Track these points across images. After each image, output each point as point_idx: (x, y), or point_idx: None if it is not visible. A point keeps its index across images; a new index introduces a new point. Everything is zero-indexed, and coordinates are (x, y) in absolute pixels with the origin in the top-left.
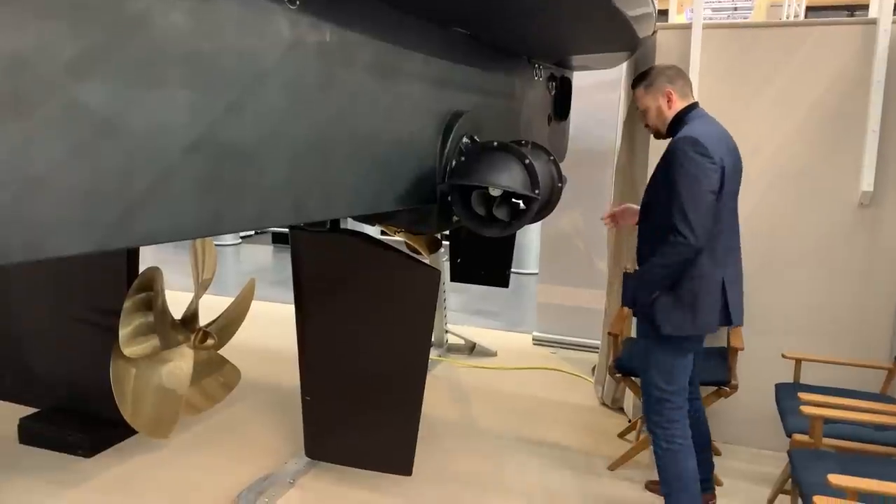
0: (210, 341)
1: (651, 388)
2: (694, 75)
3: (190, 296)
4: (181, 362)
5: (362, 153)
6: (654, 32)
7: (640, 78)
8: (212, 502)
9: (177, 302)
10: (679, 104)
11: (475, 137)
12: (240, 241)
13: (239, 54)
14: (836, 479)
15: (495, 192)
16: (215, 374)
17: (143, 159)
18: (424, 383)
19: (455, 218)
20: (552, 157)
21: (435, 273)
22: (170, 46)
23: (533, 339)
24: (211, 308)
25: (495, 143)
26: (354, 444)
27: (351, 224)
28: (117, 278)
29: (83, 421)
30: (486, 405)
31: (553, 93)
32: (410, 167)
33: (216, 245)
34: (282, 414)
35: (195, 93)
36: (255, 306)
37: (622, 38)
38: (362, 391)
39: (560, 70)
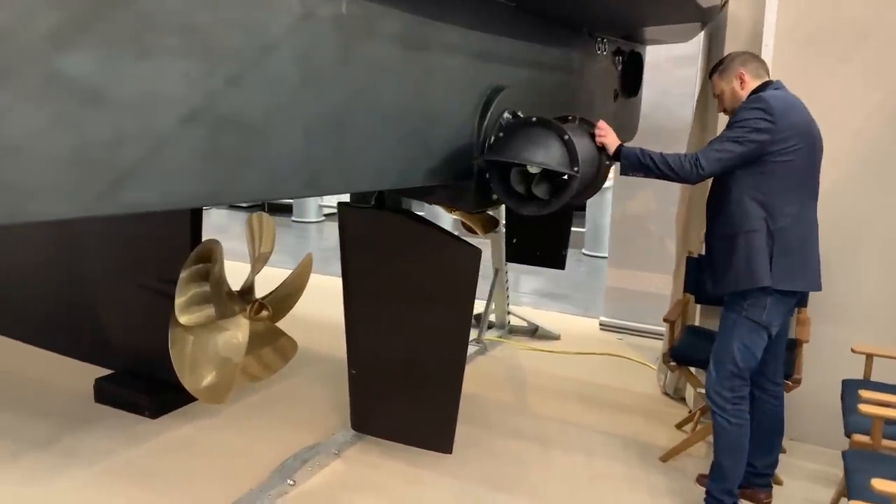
0: (265, 313)
1: (727, 364)
2: (768, 47)
3: (273, 269)
4: (237, 332)
5: (387, 127)
6: (725, 2)
7: (715, 66)
8: (258, 467)
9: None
10: (751, 83)
11: (518, 113)
12: (323, 218)
13: (243, 26)
14: (880, 483)
15: (534, 170)
16: (272, 344)
17: (133, 129)
18: (464, 363)
19: (494, 195)
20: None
21: (476, 252)
22: (163, 17)
23: (600, 324)
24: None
25: (534, 119)
26: (397, 420)
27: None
28: (182, 249)
29: (150, 384)
30: (541, 389)
31: (620, 68)
32: (443, 142)
33: (299, 222)
34: (336, 386)
35: (192, 64)
36: (325, 281)
37: (684, 8)
38: (405, 367)
39: (628, 44)
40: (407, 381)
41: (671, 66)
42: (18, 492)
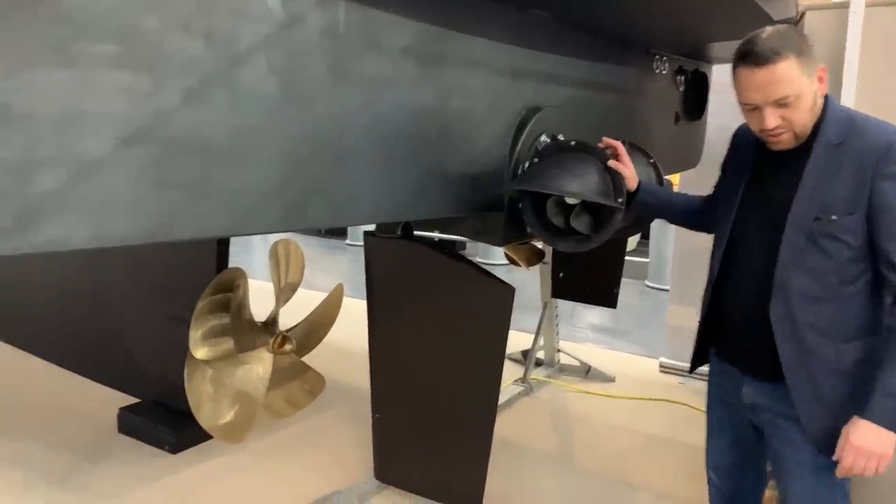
0: (288, 346)
1: None
2: (851, 64)
3: (321, 295)
4: (258, 366)
5: (392, 152)
6: (802, 15)
7: (781, 44)
8: None
9: (314, 302)
10: None
11: (558, 136)
12: None
13: (204, 33)
14: None
15: (572, 200)
16: (298, 380)
17: (51, 152)
18: (495, 412)
19: (528, 228)
20: (652, 160)
21: (508, 290)
22: (94, 20)
23: (660, 366)
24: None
25: (572, 143)
26: (422, 471)
27: None
28: (208, 277)
29: (173, 417)
30: (590, 439)
31: (682, 88)
32: (464, 169)
33: (354, 245)
34: (365, 427)
35: (134, 76)
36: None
37: (753, 21)
38: (431, 413)
39: (692, 62)
40: (434, 429)
41: None
42: None
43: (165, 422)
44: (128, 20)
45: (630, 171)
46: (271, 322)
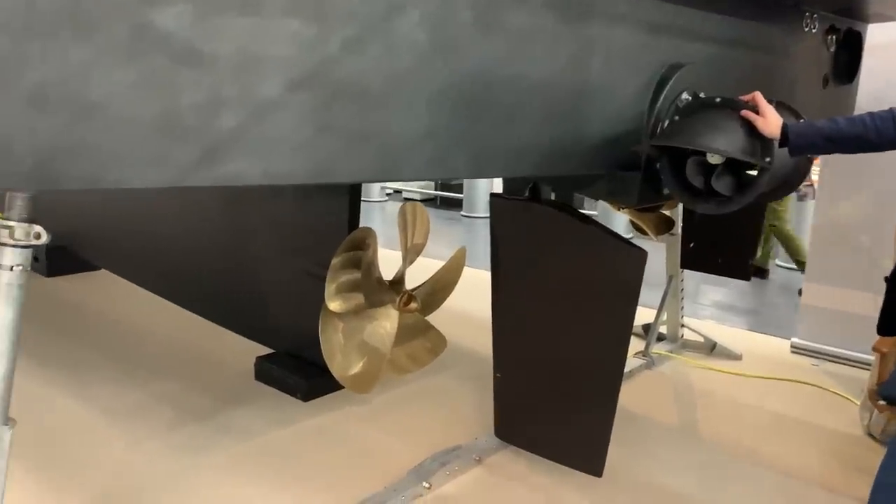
0: (413, 305)
1: None
2: None
3: (438, 263)
4: (386, 322)
5: (532, 105)
6: None
7: None
8: (395, 465)
9: (429, 269)
10: None
11: (700, 94)
12: None
13: None
14: None
15: (714, 160)
16: (421, 338)
17: (232, 94)
18: (621, 378)
19: (665, 189)
20: (802, 121)
21: (641, 255)
22: None
23: (791, 347)
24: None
25: (718, 99)
26: (543, 432)
27: None
28: (340, 235)
29: (305, 367)
30: (714, 415)
31: (832, 49)
32: (602, 126)
33: (469, 216)
34: (484, 388)
35: (304, 24)
36: (485, 274)
37: None
38: (555, 376)
39: (845, 21)
40: (557, 392)
41: None
42: (171, 464)
43: (298, 371)
44: None
45: (764, 121)
46: (398, 281)
